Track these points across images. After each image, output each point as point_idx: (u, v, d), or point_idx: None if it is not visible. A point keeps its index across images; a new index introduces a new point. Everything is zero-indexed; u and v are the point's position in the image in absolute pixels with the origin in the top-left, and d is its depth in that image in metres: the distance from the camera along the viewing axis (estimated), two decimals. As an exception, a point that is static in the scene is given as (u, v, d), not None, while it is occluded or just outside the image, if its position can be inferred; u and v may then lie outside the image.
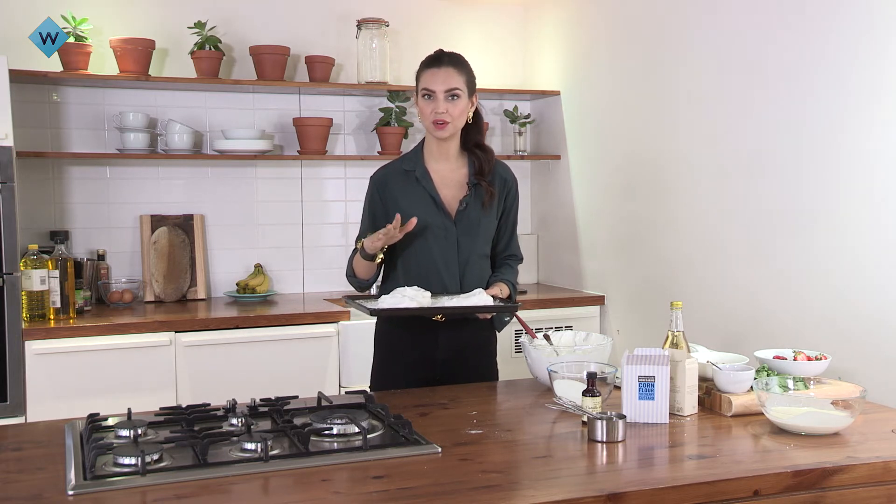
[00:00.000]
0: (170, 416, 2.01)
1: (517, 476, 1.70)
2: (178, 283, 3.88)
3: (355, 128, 4.27)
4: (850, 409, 1.92)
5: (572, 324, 3.89)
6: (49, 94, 3.77)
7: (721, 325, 3.18)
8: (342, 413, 1.97)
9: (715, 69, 3.22)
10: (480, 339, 2.63)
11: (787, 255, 2.91)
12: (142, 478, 1.61)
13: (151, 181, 3.93)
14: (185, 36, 3.87)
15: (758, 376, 2.13)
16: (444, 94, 2.46)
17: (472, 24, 4.46)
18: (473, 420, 2.05)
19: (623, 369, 2.03)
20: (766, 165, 2.98)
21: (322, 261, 4.21)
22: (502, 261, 2.67)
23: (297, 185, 4.16)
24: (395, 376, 2.56)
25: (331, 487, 1.60)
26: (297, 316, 3.54)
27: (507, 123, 4.46)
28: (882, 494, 1.75)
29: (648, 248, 3.64)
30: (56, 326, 3.25)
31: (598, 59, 3.96)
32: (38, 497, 1.56)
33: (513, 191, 2.64)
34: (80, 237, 3.82)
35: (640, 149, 3.66)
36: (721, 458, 1.77)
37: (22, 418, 3.13)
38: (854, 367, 2.57)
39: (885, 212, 2.56)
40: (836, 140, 2.72)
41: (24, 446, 1.89)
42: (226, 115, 4.04)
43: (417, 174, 2.55)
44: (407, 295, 2.35)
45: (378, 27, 4.05)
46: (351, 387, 3.49)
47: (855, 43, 2.64)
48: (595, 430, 1.87)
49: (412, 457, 1.76)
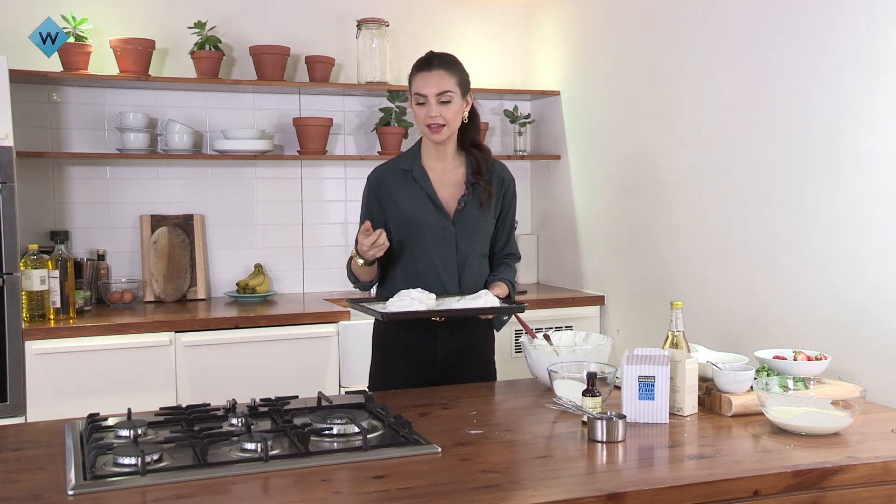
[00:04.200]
0: (170, 416, 2.01)
1: (517, 476, 1.70)
2: (178, 283, 3.88)
3: (355, 128, 4.27)
4: (850, 409, 1.92)
5: (572, 324, 3.89)
6: (49, 94, 3.77)
7: (721, 325, 3.18)
8: (342, 413, 1.97)
9: (715, 69, 3.22)
10: (479, 340, 2.62)
11: (787, 254, 2.91)
12: (142, 478, 1.61)
13: (151, 181, 3.93)
14: (185, 36, 3.87)
15: (758, 376, 2.13)
16: (435, 99, 2.43)
17: (472, 24, 4.46)
18: (473, 420, 2.05)
19: (623, 369, 2.03)
20: (766, 165, 2.98)
21: (322, 261, 4.21)
22: (500, 260, 2.67)
23: (297, 185, 4.17)
24: (393, 376, 2.55)
25: (331, 487, 1.60)
26: (297, 316, 3.54)
27: (507, 123, 4.46)
28: (882, 494, 1.75)
29: (648, 248, 3.64)
30: (56, 326, 3.25)
31: (598, 59, 3.96)
32: (38, 497, 1.56)
33: (510, 190, 2.63)
34: (80, 237, 3.82)
35: (640, 149, 3.66)
36: (721, 458, 1.77)
37: (22, 418, 3.13)
38: (854, 367, 2.57)
39: (885, 211, 2.56)
40: (835, 140, 2.72)
41: (24, 446, 1.89)
42: (226, 115, 4.04)
43: (415, 174, 2.54)
44: (413, 297, 2.33)
45: (378, 27, 4.05)
46: (351, 387, 3.49)
47: (855, 42, 2.64)
48: (595, 430, 1.87)
49: (412, 457, 1.76)
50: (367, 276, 2.55)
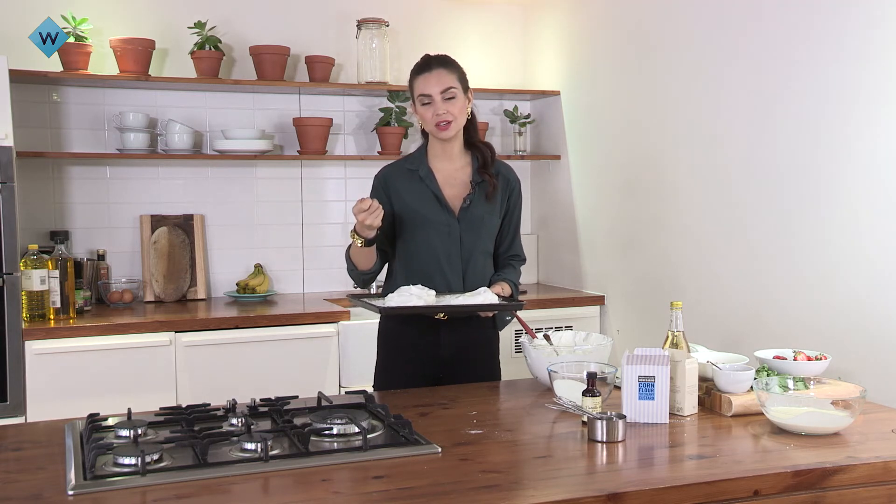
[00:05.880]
0: (170, 416, 2.01)
1: (517, 476, 1.70)
2: (178, 283, 3.88)
3: (355, 128, 4.27)
4: (850, 409, 1.92)
5: (572, 324, 3.89)
6: (49, 94, 3.77)
7: (721, 325, 3.18)
8: (342, 413, 1.96)
9: (715, 69, 3.22)
10: (483, 338, 2.63)
11: (787, 255, 2.91)
12: (142, 478, 1.61)
13: (151, 181, 3.93)
14: (185, 36, 3.87)
15: (758, 376, 2.13)
16: (440, 96, 2.47)
17: (471, 24, 4.46)
18: (473, 420, 2.05)
19: (623, 369, 2.03)
20: (766, 166, 2.98)
21: (322, 261, 4.21)
22: (505, 261, 2.68)
23: (297, 185, 4.17)
24: (398, 375, 2.57)
25: (331, 487, 1.60)
26: (297, 316, 3.54)
27: (507, 123, 4.46)
28: (882, 494, 1.75)
29: (648, 248, 3.64)
30: (56, 326, 3.25)
31: (598, 59, 3.96)
32: (38, 497, 1.56)
33: (516, 191, 2.65)
34: (80, 237, 3.82)
35: (640, 149, 3.66)
36: (721, 458, 1.77)
37: (22, 418, 3.13)
38: (854, 367, 2.57)
39: (884, 212, 2.56)
40: (835, 140, 2.72)
41: (24, 446, 1.89)
42: (226, 115, 4.04)
43: (421, 173, 2.56)
44: (413, 293, 2.36)
45: (378, 27, 4.05)
46: (351, 387, 3.49)
47: (858, 41, 2.64)
48: (595, 430, 1.87)
49: (412, 457, 1.76)
50: (365, 263, 2.53)
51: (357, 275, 2.57)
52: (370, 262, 2.53)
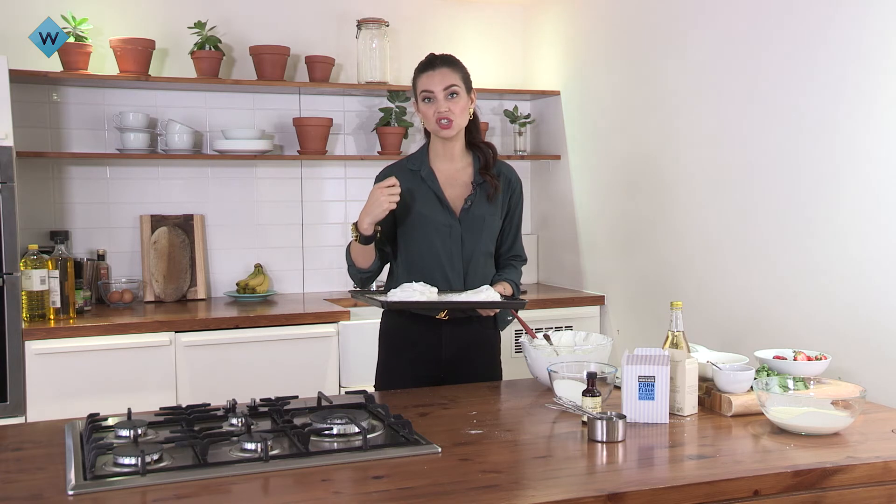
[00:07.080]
0: (170, 416, 2.01)
1: (517, 476, 1.70)
2: (178, 283, 3.88)
3: (355, 128, 4.27)
4: (850, 409, 1.92)
5: (572, 324, 3.89)
6: (49, 94, 3.77)
7: (721, 325, 3.18)
8: (342, 413, 1.97)
9: (714, 69, 3.22)
10: (484, 338, 2.63)
11: (787, 255, 2.91)
12: (142, 478, 1.61)
13: (151, 181, 3.93)
14: (185, 36, 3.87)
15: (758, 376, 2.13)
16: (443, 94, 2.47)
17: (471, 24, 4.46)
18: (473, 420, 2.05)
19: (623, 369, 2.03)
20: (766, 166, 2.98)
21: (322, 261, 4.21)
22: (506, 261, 2.68)
23: (297, 185, 4.17)
24: (399, 374, 2.57)
25: (331, 487, 1.60)
26: (297, 316, 3.54)
27: (507, 123, 4.46)
28: (882, 494, 1.75)
29: (648, 248, 3.64)
30: (56, 326, 3.25)
31: (598, 59, 3.96)
32: (38, 497, 1.56)
33: (517, 191, 2.65)
34: (80, 237, 3.82)
35: (640, 149, 3.66)
36: (721, 458, 1.77)
37: (22, 418, 3.13)
38: (854, 367, 2.57)
39: (884, 212, 2.56)
40: (836, 141, 2.72)
41: (24, 446, 1.89)
42: (226, 115, 4.04)
43: (423, 174, 2.57)
44: (416, 289, 2.37)
45: (378, 27, 4.05)
46: (351, 387, 3.49)
47: (854, 43, 2.64)
48: (595, 430, 1.88)
49: (412, 457, 1.76)
50: (364, 261, 2.52)
51: (355, 272, 2.57)
52: (369, 261, 2.52)
